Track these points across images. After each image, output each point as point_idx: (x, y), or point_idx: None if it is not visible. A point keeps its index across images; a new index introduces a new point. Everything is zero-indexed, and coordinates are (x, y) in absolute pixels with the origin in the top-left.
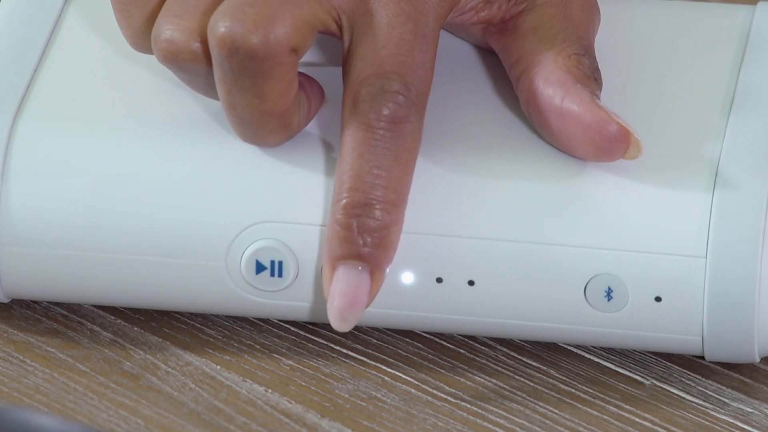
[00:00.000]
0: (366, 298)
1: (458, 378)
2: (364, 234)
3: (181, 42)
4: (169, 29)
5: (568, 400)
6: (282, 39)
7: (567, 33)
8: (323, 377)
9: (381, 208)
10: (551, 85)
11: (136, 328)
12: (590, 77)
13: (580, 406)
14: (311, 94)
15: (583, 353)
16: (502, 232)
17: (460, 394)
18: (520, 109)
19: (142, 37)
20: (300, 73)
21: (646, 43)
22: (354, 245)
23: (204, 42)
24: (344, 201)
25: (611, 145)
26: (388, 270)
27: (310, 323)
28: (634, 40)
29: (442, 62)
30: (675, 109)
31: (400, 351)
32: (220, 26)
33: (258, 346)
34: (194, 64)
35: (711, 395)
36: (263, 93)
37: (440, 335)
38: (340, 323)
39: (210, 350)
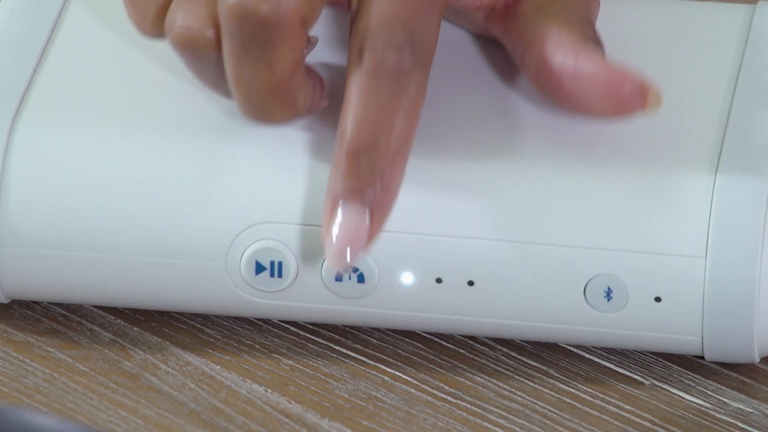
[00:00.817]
0: (365, 238)
1: (458, 378)
2: (368, 175)
3: (196, 28)
4: (183, 16)
5: (568, 400)
6: (292, 8)
7: (569, 10)
8: (323, 377)
9: (384, 150)
10: (561, 49)
11: (135, 328)
12: (597, 42)
13: (579, 405)
14: (317, 83)
15: (583, 353)
16: (502, 233)
17: (460, 393)
18: (520, 108)
19: (152, 24)
20: (307, 65)
21: (646, 42)
22: (356, 181)
23: (218, 29)
24: (348, 141)
25: (630, 99)
26: (387, 218)
27: (310, 323)
28: (634, 40)
29: (443, 58)
30: (675, 109)
31: (399, 351)
32: None
33: (258, 346)
34: (208, 51)
35: (711, 395)
36: (272, 63)
37: (440, 335)
38: (337, 261)
39: (210, 350)
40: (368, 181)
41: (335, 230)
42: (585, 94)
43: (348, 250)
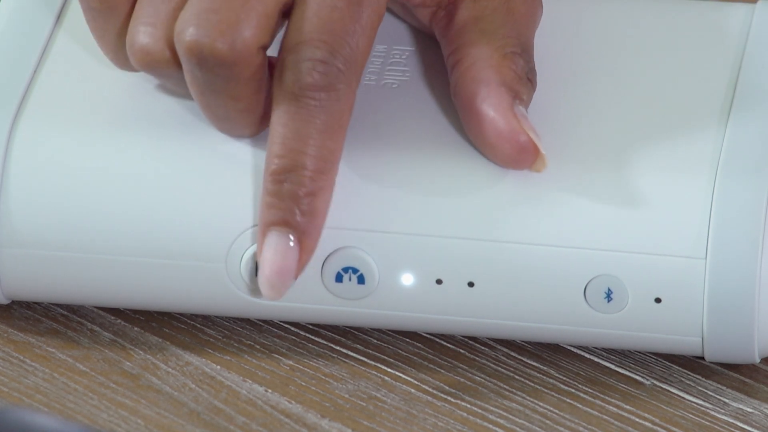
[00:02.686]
0: (295, 266)
1: (458, 378)
2: (291, 200)
3: (155, 50)
4: (141, 37)
5: (568, 400)
6: (249, 41)
7: (507, 28)
8: (323, 377)
9: (308, 176)
10: (475, 83)
11: (136, 328)
12: (522, 78)
13: (580, 406)
14: None
15: (583, 353)
16: (502, 234)
17: (460, 394)
18: None
19: (119, 52)
20: (270, 59)
21: (646, 42)
22: (281, 211)
23: (175, 50)
24: (272, 168)
25: (518, 155)
26: (317, 240)
27: (310, 323)
28: (634, 39)
29: (438, 58)
30: (674, 109)
31: (400, 351)
32: (186, 35)
33: (258, 346)
34: (170, 70)
35: (711, 395)
36: (236, 94)
37: (440, 335)
38: (268, 291)
39: (210, 350)
40: (292, 209)
41: (264, 260)
42: (481, 135)
43: (278, 278)
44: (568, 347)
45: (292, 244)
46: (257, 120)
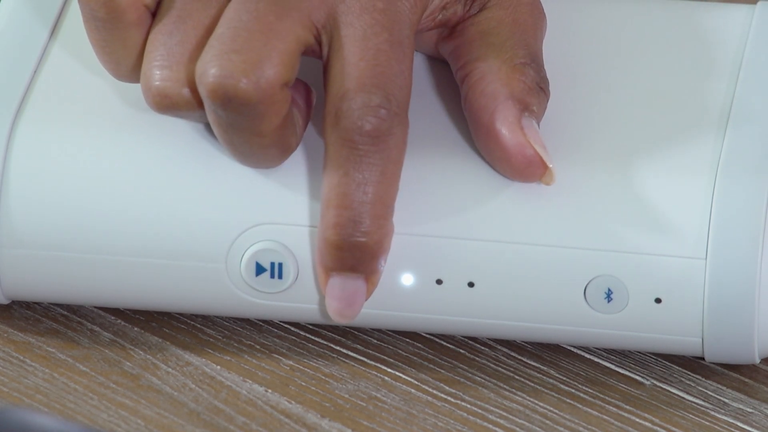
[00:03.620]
0: (363, 299)
1: (458, 378)
2: (355, 250)
3: (173, 93)
4: (158, 81)
5: (568, 400)
6: (273, 79)
7: (515, 40)
8: (323, 377)
9: (371, 224)
10: (484, 96)
11: (136, 328)
12: (533, 89)
13: (580, 406)
14: (301, 105)
15: (583, 353)
16: (502, 234)
17: (460, 394)
18: None
19: (129, 76)
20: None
21: (646, 42)
22: (347, 260)
23: (194, 89)
24: (334, 220)
25: (525, 169)
26: (382, 271)
27: (310, 323)
28: (634, 40)
29: (440, 64)
30: (674, 110)
31: (400, 351)
32: (209, 76)
33: (258, 347)
34: (189, 111)
35: (711, 395)
36: (261, 131)
37: (440, 335)
38: (339, 320)
39: (210, 350)
40: (359, 258)
41: (332, 296)
42: (490, 149)
43: (349, 311)
44: (568, 347)
45: (360, 282)
46: (280, 154)
